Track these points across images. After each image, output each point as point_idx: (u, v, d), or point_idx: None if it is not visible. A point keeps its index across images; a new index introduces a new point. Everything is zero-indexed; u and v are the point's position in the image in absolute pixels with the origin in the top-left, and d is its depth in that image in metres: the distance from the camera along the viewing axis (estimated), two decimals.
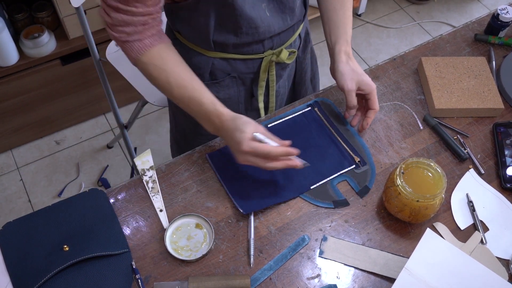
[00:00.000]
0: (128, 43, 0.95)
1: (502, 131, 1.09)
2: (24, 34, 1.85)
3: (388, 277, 0.90)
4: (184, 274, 0.90)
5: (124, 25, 0.92)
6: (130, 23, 0.91)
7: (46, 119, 2.11)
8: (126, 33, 0.93)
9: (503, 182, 1.02)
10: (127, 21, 0.91)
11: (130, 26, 0.92)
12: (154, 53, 0.95)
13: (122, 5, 0.88)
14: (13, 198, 2.02)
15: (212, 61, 1.07)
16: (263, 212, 0.97)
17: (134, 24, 0.92)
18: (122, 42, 0.95)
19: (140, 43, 0.95)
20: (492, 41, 1.26)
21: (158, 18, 0.94)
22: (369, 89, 1.02)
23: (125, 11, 0.90)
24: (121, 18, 0.90)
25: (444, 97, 1.12)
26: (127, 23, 0.91)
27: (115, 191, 1.00)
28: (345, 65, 1.04)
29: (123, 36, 0.94)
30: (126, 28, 0.92)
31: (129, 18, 0.91)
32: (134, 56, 0.96)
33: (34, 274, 0.86)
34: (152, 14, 0.92)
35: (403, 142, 1.09)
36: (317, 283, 0.89)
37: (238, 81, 1.12)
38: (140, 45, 0.95)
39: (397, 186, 0.91)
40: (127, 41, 0.94)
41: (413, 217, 0.92)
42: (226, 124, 0.92)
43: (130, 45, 0.95)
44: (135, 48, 0.95)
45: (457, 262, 0.86)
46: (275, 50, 1.08)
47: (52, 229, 0.92)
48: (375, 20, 2.69)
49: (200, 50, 1.06)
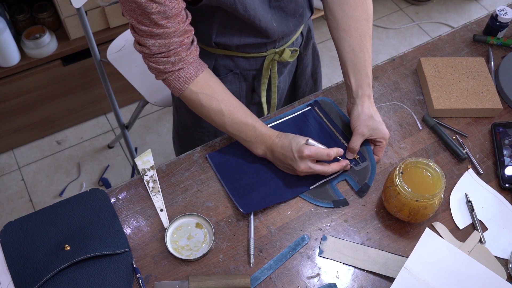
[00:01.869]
0: (174, 73, 0.93)
1: (500, 131, 1.09)
2: (25, 34, 1.86)
3: (387, 276, 0.90)
4: (185, 274, 0.90)
5: (165, 52, 0.90)
6: (169, 47, 0.90)
7: (47, 119, 2.11)
8: (170, 63, 0.92)
9: (501, 182, 1.02)
10: (165, 45, 0.89)
11: (171, 52, 0.90)
12: (202, 81, 0.95)
13: (155, 29, 0.87)
14: (15, 198, 2.02)
15: (216, 57, 1.08)
16: (263, 212, 0.98)
17: (173, 47, 0.90)
18: (167, 73, 0.93)
19: (186, 72, 0.94)
20: (490, 42, 1.27)
21: (192, 38, 0.94)
22: (381, 138, 1.01)
23: (160, 35, 0.88)
24: (159, 43, 0.89)
25: (443, 97, 1.13)
26: (167, 47, 0.90)
27: (116, 190, 1.00)
28: (365, 109, 1.01)
29: (168, 66, 0.92)
30: (168, 57, 0.91)
31: (166, 42, 0.89)
32: (182, 86, 0.95)
33: (35, 273, 0.87)
34: (186, 32, 0.91)
35: (402, 142, 1.09)
36: (317, 282, 0.90)
37: (240, 77, 1.13)
38: (186, 74, 0.94)
39: (396, 186, 0.91)
40: (172, 71, 0.93)
41: (412, 217, 0.93)
42: (280, 141, 0.97)
43: (177, 75, 0.94)
44: (182, 78, 0.94)
45: (456, 262, 0.86)
46: (277, 49, 1.09)
47: (53, 229, 0.93)
48: (375, 21, 2.69)
49: (203, 46, 1.07)
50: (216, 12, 0.97)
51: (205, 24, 1.00)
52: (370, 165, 1.03)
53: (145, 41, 0.89)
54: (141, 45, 0.91)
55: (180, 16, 0.88)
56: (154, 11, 0.84)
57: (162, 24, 0.86)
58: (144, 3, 0.83)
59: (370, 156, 1.04)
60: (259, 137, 0.98)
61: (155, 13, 0.84)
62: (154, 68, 0.94)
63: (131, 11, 0.86)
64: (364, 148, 1.05)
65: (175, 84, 0.95)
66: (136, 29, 0.89)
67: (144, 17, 0.85)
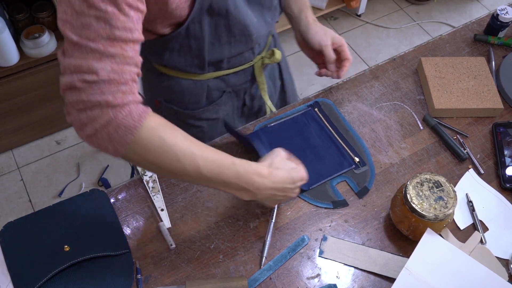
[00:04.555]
0: (124, 107, 0.70)
1: (501, 131, 1.09)
2: (24, 34, 1.85)
3: (388, 277, 0.90)
4: (184, 274, 0.90)
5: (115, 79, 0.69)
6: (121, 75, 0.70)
7: (47, 119, 2.11)
8: (121, 92, 0.70)
9: (502, 182, 1.02)
10: (118, 72, 0.69)
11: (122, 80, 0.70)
12: (156, 116, 0.75)
13: (111, 48, 0.68)
14: (14, 198, 2.02)
15: (207, 83, 1.05)
16: (263, 212, 0.97)
17: (126, 76, 0.70)
18: (115, 107, 0.69)
19: (138, 107, 0.72)
20: (491, 41, 1.26)
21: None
22: (340, 42, 1.06)
23: (114, 56, 0.68)
24: (111, 67, 0.68)
25: (443, 97, 1.12)
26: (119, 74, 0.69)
27: (115, 191, 1.00)
28: (315, 26, 1.08)
29: (118, 96, 0.69)
30: (118, 85, 0.69)
31: (120, 68, 0.69)
32: (137, 122, 0.71)
33: (35, 274, 0.87)
34: (138, 65, 0.73)
35: (403, 142, 1.09)
36: (317, 282, 0.90)
37: (232, 94, 1.12)
38: (139, 108, 0.72)
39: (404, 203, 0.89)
40: (123, 104, 0.70)
41: (411, 232, 0.91)
42: (273, 173, 0.83)
43: (128, 109, 0.71)
44: (135, 112, 0.71)
45: (457, 262, 0.86)
46: (262, 54, 1.10)
47: (53, 229, 0.93)
48: (375, 21, 2.69)
49: (193, 76, 1.03)
50: (204, 26, 0.91)
51: (195, 47, 0.94)
52: (369, 169, 1.03)
53: (91, 64, 0.68)
54: (80, 72, 0.68)
55: (138, 46, 0.72)
56: (120, 25, 0.68)
57: (120, 44, 0.69)
58: (111, 14, 0.67)
59: (369, 161, 1.04)
60: (244, 178, 0.80)
61: (120, 28, 0.68)
62: (94, 102, 0.69)
63: (83, 27, 0.67)
64: (364, 154, 1.05)
65: (127, 121, 0.70)
66: (82, 49, 0.68)
67: (101, 32, 0.67)
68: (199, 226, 0.95)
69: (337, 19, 2.70)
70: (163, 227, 0.94)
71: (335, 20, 2.69)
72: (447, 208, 0.87)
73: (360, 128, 1.11)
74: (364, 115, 1.13)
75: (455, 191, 0.88)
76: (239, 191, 0.82)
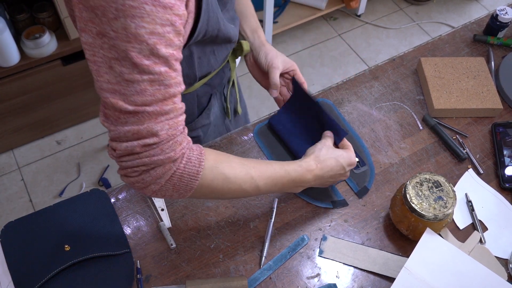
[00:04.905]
0: (183, 157, 0.72)
1: (501, 131, 1.09)
2: (25, 34, 1.86)
3: (387, 276, 0.90)
4: (185, 274, 0.90)
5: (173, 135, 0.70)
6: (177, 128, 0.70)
7: (47, 119, 2.11)
8: (178, 144, 0.70)
9: (502, 182, 1.02)
10: (175, 126, 0.69)
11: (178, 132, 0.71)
12: (208, 152, 0.77)
13: (165, 105, 0.67)
14: (14, 198, 2.02)
15: (196, 93, 1.02)
16: (263, 212, 0.98)
17: (180, 127, 0.71)
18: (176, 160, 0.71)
19: (193, 151, 0.74)
20: (491, 42, 1.27)
21: None
22: (292, 66, 1.04)
23: (169, 112, 0.68)
24: (169, 124, 0.68)
25: (443, 97, 1.13)
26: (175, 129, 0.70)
27: (116, 191, 1.00)
28: (268, 47, 1.05)
29: (178, 150, 0.70)
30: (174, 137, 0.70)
31: (175, 121, 0.69)
32: (198, 167, 0.73)
33: (36, 273, 0.87)
34: (184, 109, 0.72)
35: (403, 142, 1.09)
36: (317, 282, 0.90)
37: (218, 95, 1.11)
38: (194, 152, 0.74)
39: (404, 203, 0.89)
40: (182, 154, 0.72)
41: (411, 231, 0.92)
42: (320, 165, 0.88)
43: (188, 157, 0.73)
44: (195, 158, 0.73)
45: (456, 262, 0.86)
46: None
47: (54, 229, 0.93)
48: (375, 21, 2.69)
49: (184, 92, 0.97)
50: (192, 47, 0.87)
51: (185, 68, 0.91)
52: (369, 170, 1.03)
53: (150, 128, 0.67)
54: (140, 138, 0.68)
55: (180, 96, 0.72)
56: (173, 82, 0.67)
57: (172, 99, 0.68)
58: (164, 74, 0.65)
59: (369, 161, 1.05)
60: (297, 178, 0.86)
61: (173, 85, 0.67)
62: (157, 162, 0.69)
63: (137, 94, 0.65)
64: (364, 154, 1.05)
65: (189, 169, 0.73)
66: (138, 115, 0.66)
67: (157, 94, 0.66)
68: (199, 225, 0.96)
69: (337, 19, 2.70)
70: (164, 227, 0.94)
71: (335, 21, 2.69)
72: (446, 208, 0.87)
73: (360, 128, 1.11)
74: (363, 115, 1.13)
75: (454, 191, 0.89)
76: (292, 189, 0.90)
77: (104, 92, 0.66)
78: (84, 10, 0.62)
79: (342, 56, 2.52)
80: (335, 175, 0.92)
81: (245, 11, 1.08)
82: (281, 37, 2.58)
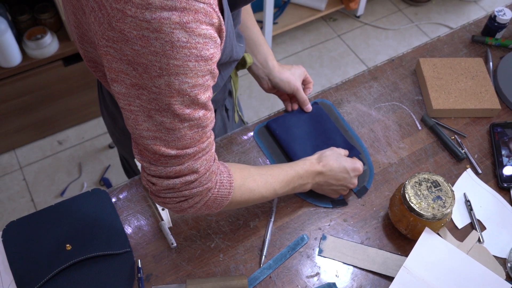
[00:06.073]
0: (217, 183, 0.77)
1: (499, 131, 1.10)
2: (27, 35, 1.86)
3: (386, 275, 0.91)
4: (185, 273, 0.91)
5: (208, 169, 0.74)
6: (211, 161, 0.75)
7: (49, 119, 2.12)
8: (214, 174, 0.76)
9: (500, 182, 1.03)
10: (210, 159, 0.74)
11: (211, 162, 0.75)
12: (234, 169, 0.82)
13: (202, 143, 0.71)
14: (16, 197, 2.03)
15: None
16: (263, 212, 0.98)
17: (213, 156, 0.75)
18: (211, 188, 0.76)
19: (222, 173, 0.79)
20: (489, 43, 1.27)
21: None
22: (302, 73, 1.10)
23: (205, 148, 0.72)
24: (206, 159, 0.73)
25: (441, 98, 1.13)
26: (210, 161, 0.74)
27: (117, 190, 1.01)
28: (282, 70, 1.08)
29: (213, 179, 0.76)
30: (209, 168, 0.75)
31: (210, 154, 0.74)
32: (229, 189, 0.79)
33: (37, 272, 0.88)
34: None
35: (401, 142, 1.10)
36: (316, 281, 0.91)
37: (221, 108, 1.12)
38: (223, 175, 0.79)
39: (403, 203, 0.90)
40: (216, 181, 0.77)
41: (410, 231, 0.93)
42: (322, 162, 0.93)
43: (220, 182, 0.78)
44: (226, 181, 0.79)
45: (454, 261, 0.87)
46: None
47: (55, 228, 0.93)
48: (374, 22, 2.70)
49: None
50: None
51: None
52: (368, 170, 1.04)
53: (191, 166, 0.71)
54: (182, 176, 0.71)
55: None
56: (209, 123, 0.70)
57: (207, 136, 0.72)
58: (202, 117, 0.68)
59: (368, 161, 1.05)
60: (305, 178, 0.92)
61: (209, 125, 0.70)
62: (196, 193, 0.74)
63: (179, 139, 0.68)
64: (363, 154, 1.06)
65: (222, 191, 0.78)
66: (180, 157, 0.69)
67: (196, 136, 0.69)
68: (199, 225, 0.96)
69: (336, 20, 2.71)
70: (164, 226, 0.95)
71: (334, 21, 2.70)
72: (445, 207, 0.88)
73: (359, 128, 1.12)
74: (363, 115, 1.14)
75: (453, 190, 0.89)
76: (302, 187, 0.93)
77: (145, 140, 0.68)
78: (114, 61, 0.62)
79: (341, 56, 2.53)
80: (339, 177, 0.94)
81: (256, 39, 1.08)
82: (280, 38, 2.58)
